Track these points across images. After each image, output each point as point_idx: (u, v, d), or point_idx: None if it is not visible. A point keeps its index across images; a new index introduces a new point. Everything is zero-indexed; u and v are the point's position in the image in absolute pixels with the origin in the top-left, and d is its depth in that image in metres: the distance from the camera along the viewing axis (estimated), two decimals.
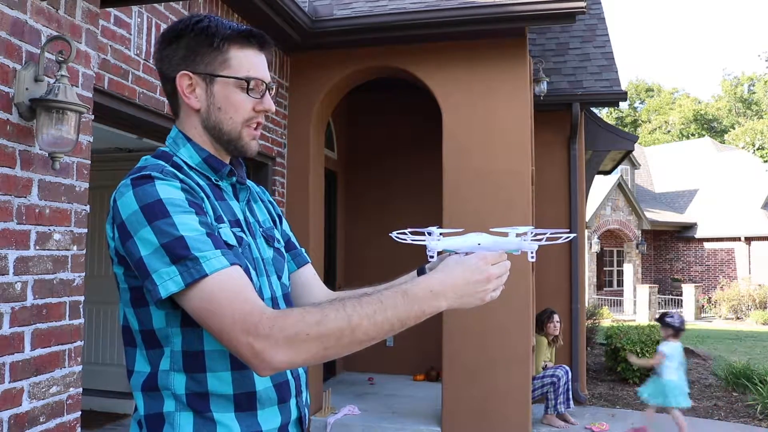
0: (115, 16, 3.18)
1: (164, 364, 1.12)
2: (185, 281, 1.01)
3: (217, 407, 1.11)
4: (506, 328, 4.88)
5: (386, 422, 5.19)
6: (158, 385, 1.12)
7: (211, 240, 1.05)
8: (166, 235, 1.03)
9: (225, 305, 1.01)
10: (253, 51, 1.22)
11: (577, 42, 7.93)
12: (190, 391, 1.11)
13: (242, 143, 1.23)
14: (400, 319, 1.03)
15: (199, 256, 1.02)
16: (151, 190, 1.07)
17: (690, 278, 22.52)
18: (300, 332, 0.99)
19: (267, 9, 4.51)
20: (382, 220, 7.15)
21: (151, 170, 1.11)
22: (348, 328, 1.00)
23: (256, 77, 1.21)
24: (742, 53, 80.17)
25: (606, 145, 8.01)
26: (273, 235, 1.33)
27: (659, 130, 41.22)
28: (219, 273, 1.02)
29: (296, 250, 1.44)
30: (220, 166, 1.23)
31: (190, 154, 1.22)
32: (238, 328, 0.99)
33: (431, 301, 1.05)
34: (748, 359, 8.54)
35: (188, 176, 1.17)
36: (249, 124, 1.22)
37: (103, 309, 5.86)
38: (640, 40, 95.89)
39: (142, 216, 1.05)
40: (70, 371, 2.38)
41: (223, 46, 1.20)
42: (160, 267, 1.02)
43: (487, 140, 5.09)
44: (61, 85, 2.19)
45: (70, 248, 2.40)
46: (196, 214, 1.07)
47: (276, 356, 0.99)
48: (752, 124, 20.81)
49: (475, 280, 1.07)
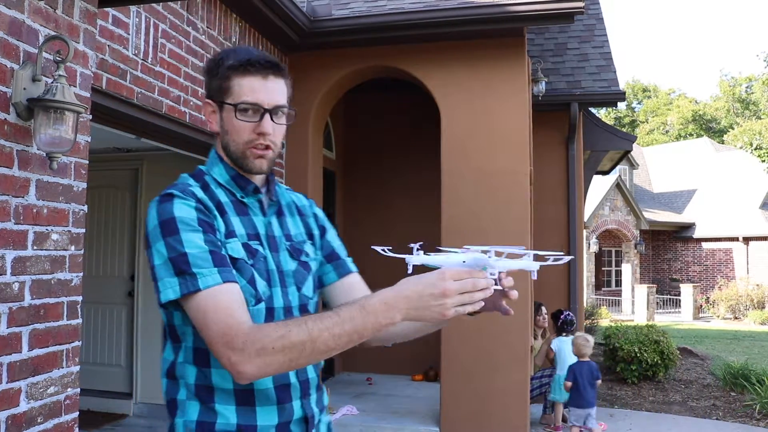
0: (113, 16, 3.18)
1: (180, 356, 1.29)
2: (181, 292, 1.18)
3: (220, 400, 1.25)
4: (505, 328, 4.88)
5: (385, 422, 5.19)
6: (176, 374, 1.30)
7: (212, 257, 1.20)
8: (173, 250, 1.20)
9: (211, 319, 1.16)
10: (255, 78, 1.31)
11: (576, 42, 7.94)
12: (199, 382, 1.26)
13: (247, 162, 1.34)
14: (357, 331, 1.12)
15: (197, 272, 1.18)
16: (169, 208, 1.24)
17: (688, 278, 22.55)
18: (266, 346, 1.11)
19: (265, 9, 4.50)
20: (380, 220, 7.15)
21: (176, 189, 1.28)
22: (309, 340, 1.11)
23: (249, 102, 1.30)
24: (740, 54, 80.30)
25: (604, 145, 8.03)
26: (301, 249, 1.43)
27: (657, 130, 41.27)
28: (211, 289, 1.17)
29: (339, 261, 1.52)
30: (245, 183, 1.37)
31: (220, 173, 1.38)
32: (220, 341, 1.14)
33: (386, 312, 1.11)
34: (746, 359, 8.55)
35: (212, 194, 1.33)
36: (252, 146, 1.33)
37: (101, 309, 5.85)
38: (637, 41, 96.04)
39: (159, 230, 1.23)
40: (68, 371, 2.38)
41: (226, 75, 1.32)
42: (165, 276, 1.20)
43: (485, 140, 5.09)
44: (59, 85, 2.18)
45: (67, 248, 2.39)
46: (203, 233, 1.23)
47: (247, 367, 1.12)
48: (750, 125, 20.78)
49: (428, 294, 1.10)
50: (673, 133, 40.22)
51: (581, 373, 5.12)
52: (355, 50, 5.34)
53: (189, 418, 1.26)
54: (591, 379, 5.14)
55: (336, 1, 5.42)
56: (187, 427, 1.26)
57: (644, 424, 5.85)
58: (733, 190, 22.97)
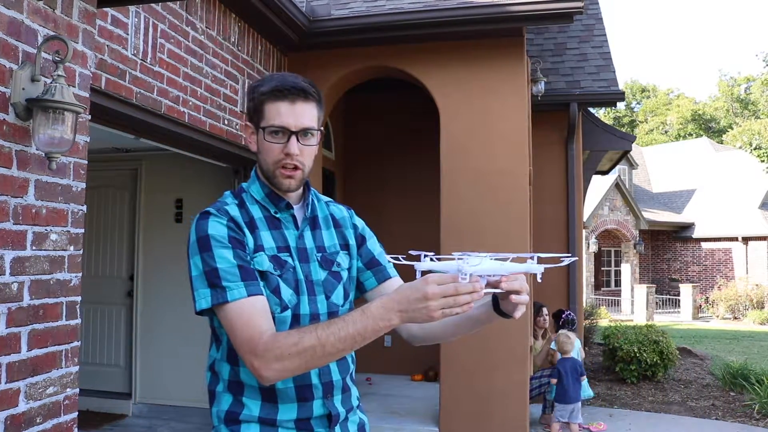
0: (112, 16, 3.18)
1: (219, 354, 1.47)
2: (212, 302, 1.35)
3: (248, 394, 1.42)
4: (504, 328, 4.87)
5: (384, 422, 5.19)
6: (215, 369, 1.49)
7: (239, 272, 1.36)
8: (207, 264, 1.37)
9: (237, 328, 1.32)
10: (284, 103, 1.44)
11: (575, 42, 7.95)
12: (232, 378, 1.44)
13: (276, 180, 1.48)
14: (359, 333, 1.23)
15: (226, 286, 1.34)
16: (204, 225, 1.41)
17: (688, 278, 22.56)
18: (283, 352, 1.26)
19: (264, 9, 4.50)
20: (380, 220, 7.14)
21: (213, 207, 1.46)
22: (318, 345, 1.24)
23: (275, 125, 1.44)
24: (739, 54, 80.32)
25: (603, 145, 8.03)
26: (333, 260, 1.55)
27: (657, 130, 41.28)
28: (238, 301, 1.33)
29: (379, 267, 1.63)
30: (278, 201, 1.51)
31: (257, 190, 1.53)
32: (245, 348, 1.31)
33: (384, 315, 1.22)
34: (745, 359, 8.55)
35: (247, 210, 1.48)
36: (280, 165, 1.46)
37: (100, 309, 5.85)
38: (636, 41, 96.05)
39: (196, 246, 1.40)
40: (67, 372, 2.38)
41: (259, 101, 1.46)
42: (200, 287, 1.37)
43: (484, 140, 5.09)
44: (58, 85, 2.18)
45: (66, 248, 2.39)
46: (232, 249, 1.38)
47: (267, 371, 1.28)
48: (749, 124, 20.78)
49: (414, 298, 1.19)
50: (672, 133, 40.24)
51: (565, 370, 5.27)
52: (355, 50, 5.34)
53: (221, 408, 1.44)
54: (575, 375, 5.23)
55: (335, 1, 5.42)
56: (219, 415, 1.45)
57: (643, 424, 5.85)
58: (733, 190, 22.98)
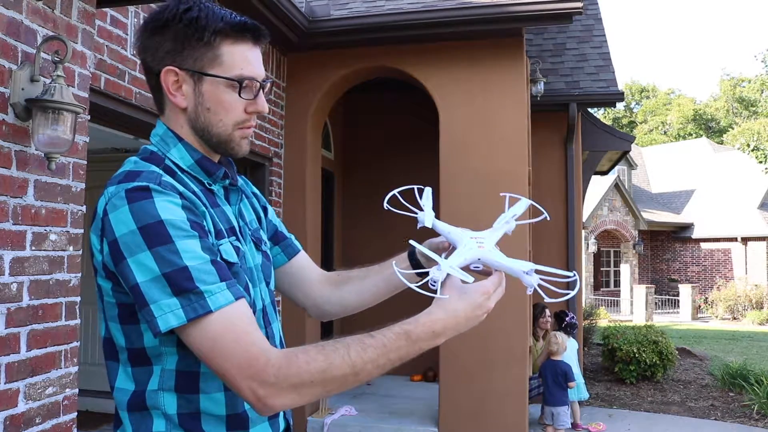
0: (111, 16, 3.18)
1: (153, 383, 1.07)
2: (188, 316, 0.96)
3: (209, 426, 1.07)
4: (503, 328, 4.88)
5: (383, 423, 5.18)
6: (146, 405, 1.07)
7: (215, 269, 1.00)
8: (168, 264, 0.96)
9: (229, 347, 0.96)
10: (247, 45, 1.12)
11: (574, 42, 7.94)
12: (183, 411, 1.06)
13: (233, 145, 1.15)
14: (401, 358, 1.02)
15: (204, 291, 0.97)
16: (149, 207, 0.99)
17: (687, 278, 22.56)
18: (305, 381, 0.97)
19: (264, 9, 4.50)
20: (380, 220, 7.13)
21: (147, 180, 1.02)
22: (352, 373, 0.99)
23: (250, 76, 1.11)
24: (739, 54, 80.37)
25: (603, 146, 8.03)
26: (260, 237, 1.27)
27: (656, 130, 41.30)
28: (224, 310, 0.97)
29: (286, 241, 1.40)
30: (213, 168, 1.15)
31: (181, 156, 1.13)
32: (243, 373, 0.96)
33: (432, 340, 1.05)
34: (744, 359, 8.56)
35: (184, 183, 1.09)
36: (241, 126, 1.14)
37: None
38: (636, 41, 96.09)
39: (140, 238, 0.97)
40: (66, 372, 2.37)
41: (215, 40, 1.09)
42: (161, 298, 0.96)
43: (484, 140, 5.09)
44: (57, 86, 2.18)
45: (66, 249, 2.39)
46: (199, 238, 1.01)
47: (279, 401, 0.97)
48: (749, 125, 20.80)
49: (475, 316, 1.08)
50: (672, 133, 40.25)
51: (545, 372, 5.33)
52: (354, 50, 5.34)
53: None
54: (557, 378, 5.24)
55: (335, 2, 5.42)
56: None
57: (643, 424, 5.86)
58: (732, 191, 22.99)
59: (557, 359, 5.34)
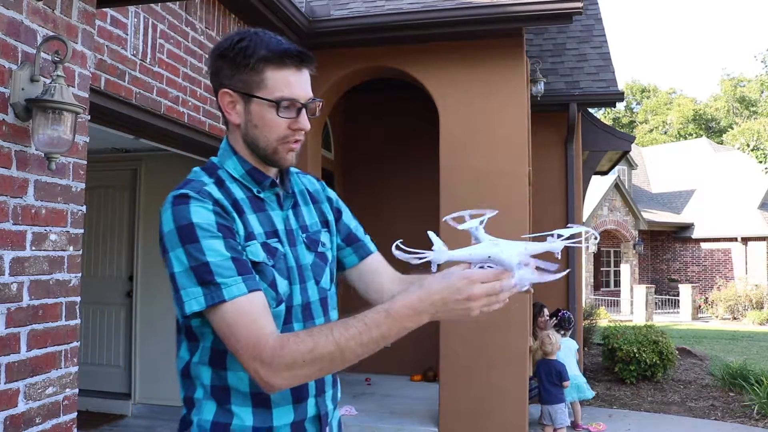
0: (111, 17, 3.18)
1: (196, 356, 1.27)
2: (207, 303, 1.15)
3: (236, 401, 1.24)
4: (503, 328, 4.88)
5: (383, 423, 5.19)
6: (191, 374, 1.28)
7: (235, 265, 1.17)
8: (194, 259, 1.16)
9: (238, 331, 1.14)
10: (290, 70, 1.27)
11: (574, 42, 7.95)
12: (215, 384, 1.25)
13: (277, 157, 1.31)
14: (383, 337, 1.12)
15: (221, 282, 1.15)
16: (185, 212, 1.19)
17: (687, 278, 22.56)
18: (297, 360, 1.11)
19: (264, 9, 4.50)
20: (379, 220, 7.12)
21: (190, 189, 1.23)
22: (337, 351, 1.11)
23: (289, 98, 1.26)
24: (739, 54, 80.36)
25: (603, 146, 8.03)
26: (317, 239, 1.40)
27: (656, 130, 41.30)
28: (237, 300, 1.15)
29: (359, 242, 1.51)
30: (262, 178, 1.33)
31: (234, 166, 1.32)
32: (248, 353, 1.13)
33: (413, 317, 1.12)
34: (744, 359, 8.56)
35: (228, 191, 1.28)
36: (285, 141, 1.29)
37: (100, 309, 5.85)
38: (636, 41, 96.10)
39: (176, 236, 1.18)
40: (66, 372, 2.38)
41: (259, 66, 1.26)
42: (188, 286, 1.17)
43: (484, 140, 5.09)
44: (57, 86, 2.18)
45: (66, 249, 2.39)
46: (223, 238, 1.19)
47: (276, 380, 1.13)
48: (749, 125, 20.80)
49: (453, 300, 1.11)
50: (672, 133, 40.24)
51: (541, 372, 5.33)
52: (354, 51, 5.34)
53: (204, 418, 1.25)
54: (550, 378, 5.25)
55: (335, 2, 5.42)
56: (202, 426, 1.25)
57: (643, 424, 5.86)
58: (732, 191, 22.99)
59: (551, 359, 5.34)
